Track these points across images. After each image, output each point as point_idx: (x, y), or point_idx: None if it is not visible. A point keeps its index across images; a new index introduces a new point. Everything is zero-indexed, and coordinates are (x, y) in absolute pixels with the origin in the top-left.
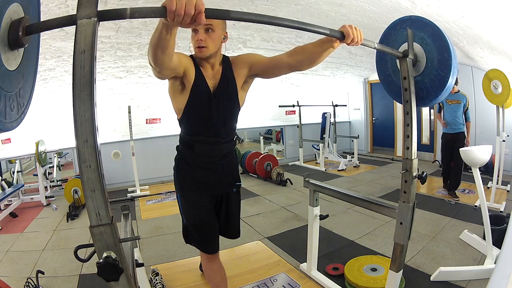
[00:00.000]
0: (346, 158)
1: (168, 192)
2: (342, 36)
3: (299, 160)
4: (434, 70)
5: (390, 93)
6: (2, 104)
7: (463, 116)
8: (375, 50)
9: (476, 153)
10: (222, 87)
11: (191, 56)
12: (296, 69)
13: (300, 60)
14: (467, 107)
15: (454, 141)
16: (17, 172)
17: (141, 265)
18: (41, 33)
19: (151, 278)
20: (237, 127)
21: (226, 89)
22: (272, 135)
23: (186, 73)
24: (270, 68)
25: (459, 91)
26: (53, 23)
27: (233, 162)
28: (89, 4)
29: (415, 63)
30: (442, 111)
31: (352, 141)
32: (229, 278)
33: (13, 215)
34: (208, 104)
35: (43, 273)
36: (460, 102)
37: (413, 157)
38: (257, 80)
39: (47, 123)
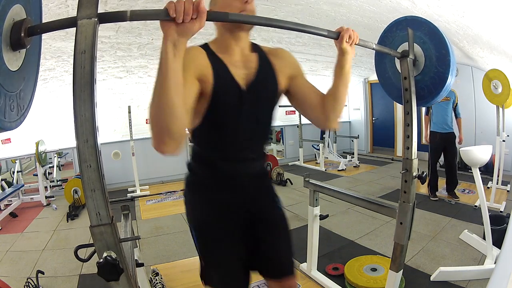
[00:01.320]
0: (346, 158)
1: (168, 192)
2: (338, 36)
3: (299, 160)
4: (434, 67)
5: (391, 95)
6: (2, 102)
7: (453, 113)
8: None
9: (476, 153)
10: (259, 78)
11: (201, 46)
12: (326, 111)
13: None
14: (456, 103)
15: (446, 141)
16: (17, 172)
17: (141, 265)
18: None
19: (151, 278)
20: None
21: (264, 81)
22: (272, 135)
23: (202, 79)
24: (306, 102)
25: None
26: (55, 24)
27: (267, 180)
28: (90, 5)
29: (414, 62)
30: (431, 112)
31: (352, 141)
32: None
33: (13, 215)
34: (239, 103)
35: (43, 273)
36: (449, 99)
37: (413, 157)
38: None
39: (47, 123)
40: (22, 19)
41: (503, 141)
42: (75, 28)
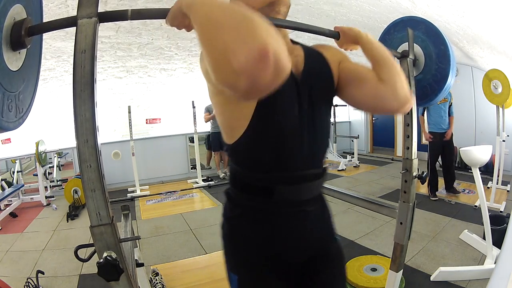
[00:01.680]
0: (346, 158)
1: (168, 192)
2: (339, 35)
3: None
4: (434, 64)
5: None
6: (0, 100)
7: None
8: None
9: (476, 153)
10: (309, 65)
11: None
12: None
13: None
14: (451, 103)
15: (444, 140)
16: (17, 172)
17: (141, 265)
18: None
19: (151, 278)
20: None
21: (317, 68)
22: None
23: None
24: (359, 80)
25: None
26: (55, 24)
27: (327, 207)
28: (90, 4)
29: (414, 62)
30: (426, 112)
31: (352, 141)
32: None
33: (13, 215)
34: (295, 97)
35: (43, 273)
36: (447, 100)
37: (413, 157)
38: None
39: (47, 123)
40: (23, 19)
41: (503, 141)
42: (75, 27)
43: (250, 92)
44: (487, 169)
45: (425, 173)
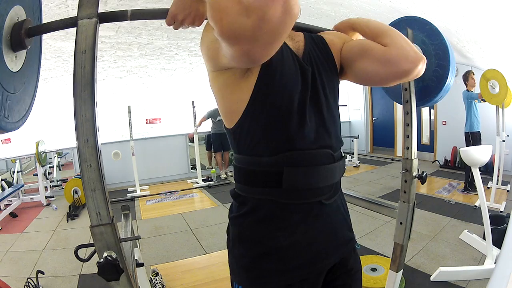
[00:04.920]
0: (346, 158)
1: (168, 192)
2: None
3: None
4: (434, 64)
5: (390, 94)
6: (0, 101)
7: (477, 111)
8: None
9: (475, 153)
10: (310, 49)
11: None
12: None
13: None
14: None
15: None
16: (17, 172)
17: (141, 265)
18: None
19: (151, 278)
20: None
21: (318, 53)
22: None
23: None
24: (364, 52)
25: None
26: (55, 25)
27: (345, 202)
28: (90, 4)
29: None
30: (474, 110)
31: (352, 141)
32: (227, 279)
33: (13, 215)
34: (298, 76)
35: (43, 273)
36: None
37: (413, 157)
38: None
39: (47, 123)
40: (22, 20)
41: (503, 141)
42: (75, 28)
43: (258, 34)
44: (487, 169)
45: (425, 173)
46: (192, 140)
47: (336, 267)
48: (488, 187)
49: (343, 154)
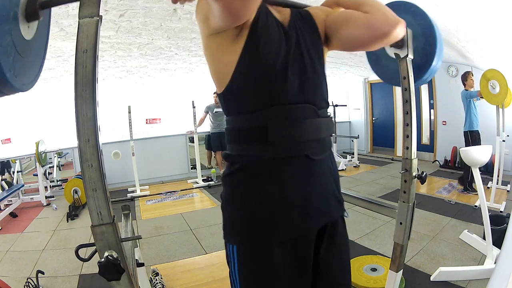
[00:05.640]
0: (346, 158)
1: (168, 192)
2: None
3: None
4: (421, 38)
5: (384, 78)
6: (18, 65)
7: (476, 110)
8: None
9: (475, 153)
10: (295, 19)
11: None
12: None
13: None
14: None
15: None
16: (17, 172)
17: (142, 265)
18: None
19: (151, 278)
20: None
21: (303, 23)
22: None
23: None
24: (347, 20)
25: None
26: None
27: (335, 164)
28: (91, 3)
29: (401, 45)
30: (472, 108)
31: (352, 141)
32: (227, 278)
33: (13, 215)
34: (283, 41)
35: (43, 273)
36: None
37: (413, 157)
38: None
39: (47, 123)
40: None
41: (503, 141)
42: (75, 27)
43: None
44: (487, 169)
45: (424, 173)
46: (192, 140)
47: (325, 231)
48: (488, 187)
49: (329, 115)
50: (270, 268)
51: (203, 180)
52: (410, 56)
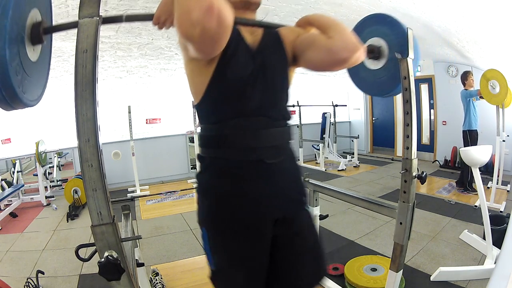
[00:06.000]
0: (346, 158)
1: (168, 192)
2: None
3: (299, 160)
4: (396, 47)
5: (362, 87)
6: (27, 83)
7: (475, 109)
8: None
9: (475, 153)
10: (265, 41)
11: None
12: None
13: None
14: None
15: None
16: (17, 172)
17: (142, 265)
18: None
19: (151, 278)
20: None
21: (271, 44)
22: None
23: None
24: (312, 43)
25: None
26: (66, 26)
27: (295, 167)
28: (91, 4)
29: (378, 56)
30: (471, 108)
31: (352, 141)
32: None
33: (13, 215)
34: (249, 60)
35: (43, 273)
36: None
37: (413, 157)
38: None
39: (47, 123)
40: (39, 21)
41: (503, 141)
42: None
43: (203, 38)
44: (487, 169)
45: (424, 173)
46: (192, 140)
47: (282, 222)
48: (488, 187)
49: (288, 125)
50: (230, 244)
51: None
52: (411, 57)
